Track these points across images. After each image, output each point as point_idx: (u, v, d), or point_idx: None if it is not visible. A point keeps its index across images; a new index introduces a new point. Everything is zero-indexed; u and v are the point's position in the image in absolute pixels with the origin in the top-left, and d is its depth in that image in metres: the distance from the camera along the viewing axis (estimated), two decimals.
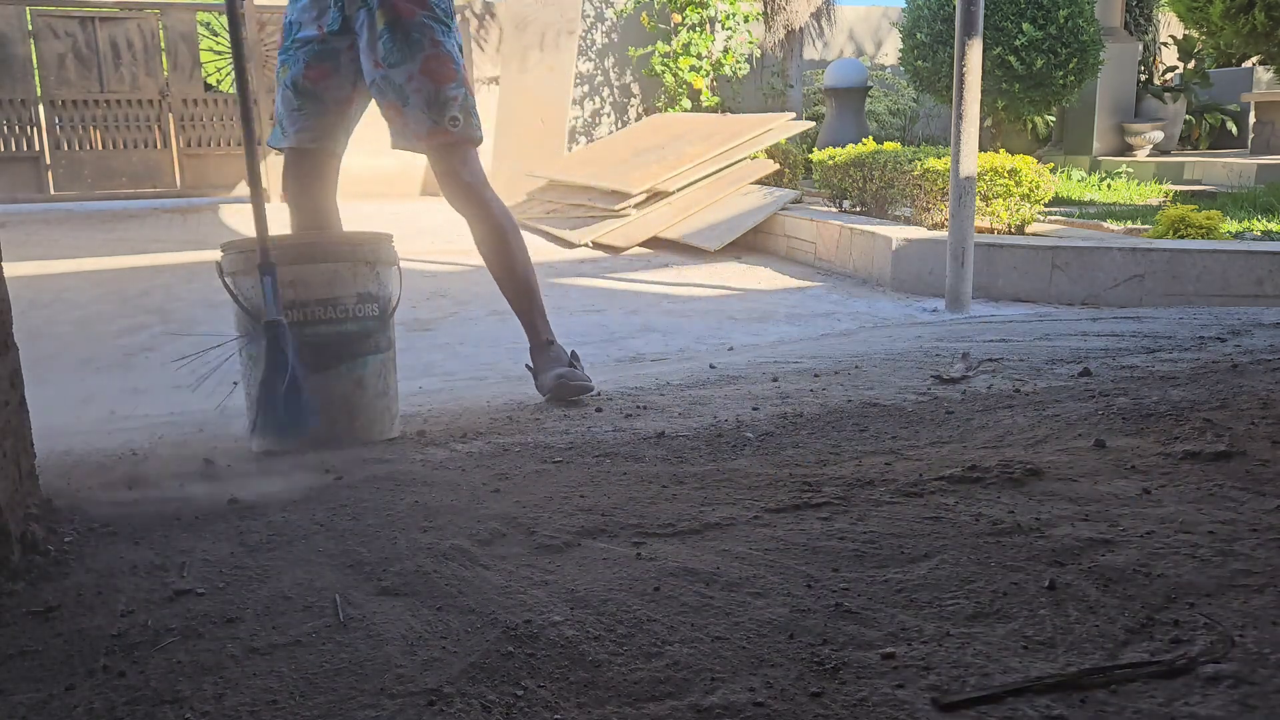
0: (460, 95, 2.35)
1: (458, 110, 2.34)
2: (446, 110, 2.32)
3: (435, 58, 2.29)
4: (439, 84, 2.31)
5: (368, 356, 2.10)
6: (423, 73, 2.29)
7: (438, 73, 2.30)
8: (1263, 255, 4.22)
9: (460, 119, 2.35)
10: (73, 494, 1.72)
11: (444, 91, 2.31)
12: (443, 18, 2.33)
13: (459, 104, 2.34)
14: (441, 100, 2.31)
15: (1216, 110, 10.36)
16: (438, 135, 2.35)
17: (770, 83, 10.46)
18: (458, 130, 2.36)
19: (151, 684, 1.01)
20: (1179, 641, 1.00)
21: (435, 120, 2.32)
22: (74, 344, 3.95)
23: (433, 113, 2.32)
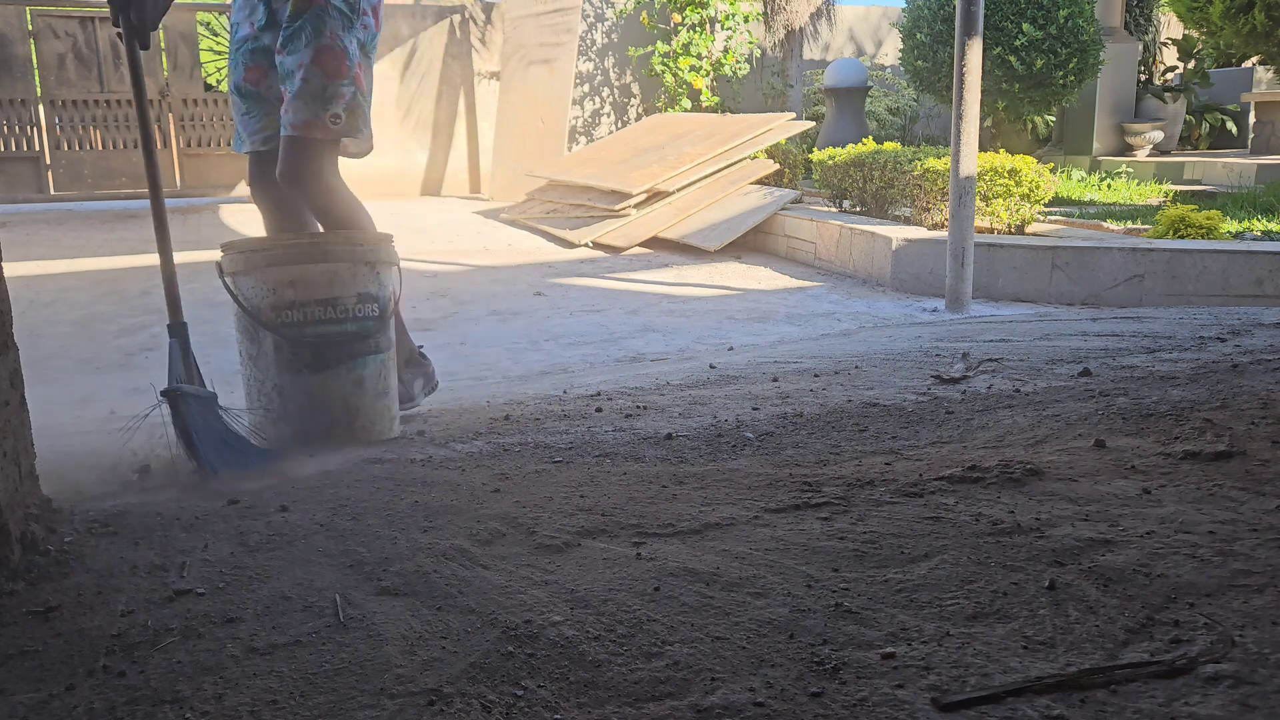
0: (349, 93, 2.29)
1: (341, 108, 2.28)
2: (330, 105, 2.27)
3: (330, 50, 2.24)
4: (330, 77, 2.25)
5: (367, 356, 2.10)
6: (314, 62, 2.24)
7: (329, 65, 2.25)
8: (1263, 255, 4.22)
9: (342, 117, 2.29)
10: (73, 494, 1.72)
11: (332, 86, 2.26)
12: (348, 11, 2.28)
13: (345, 102, 2.29)
14: (329, 94, 2.26)
15: (1216, 110, 10.36)
16: (314, 129, 2.27)
17: (770, 83, 10.46)
18: (338, 128, 2.29)
19: (151, 684, 1.01)
20: (1179, 641, 1.00)
21: (316, 113, 2.26)
22: (74, 344, 3.95)
23: (316, 105, 2.25)
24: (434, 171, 9.94)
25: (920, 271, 4.96)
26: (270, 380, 2.06)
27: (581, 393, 2.61)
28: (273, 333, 2.03)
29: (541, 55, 9.03)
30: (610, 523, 1.43)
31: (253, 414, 2.12)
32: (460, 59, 9.89)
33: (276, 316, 2.03)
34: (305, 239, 2.09)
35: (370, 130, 2.42)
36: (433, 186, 9.96)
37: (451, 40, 9.85)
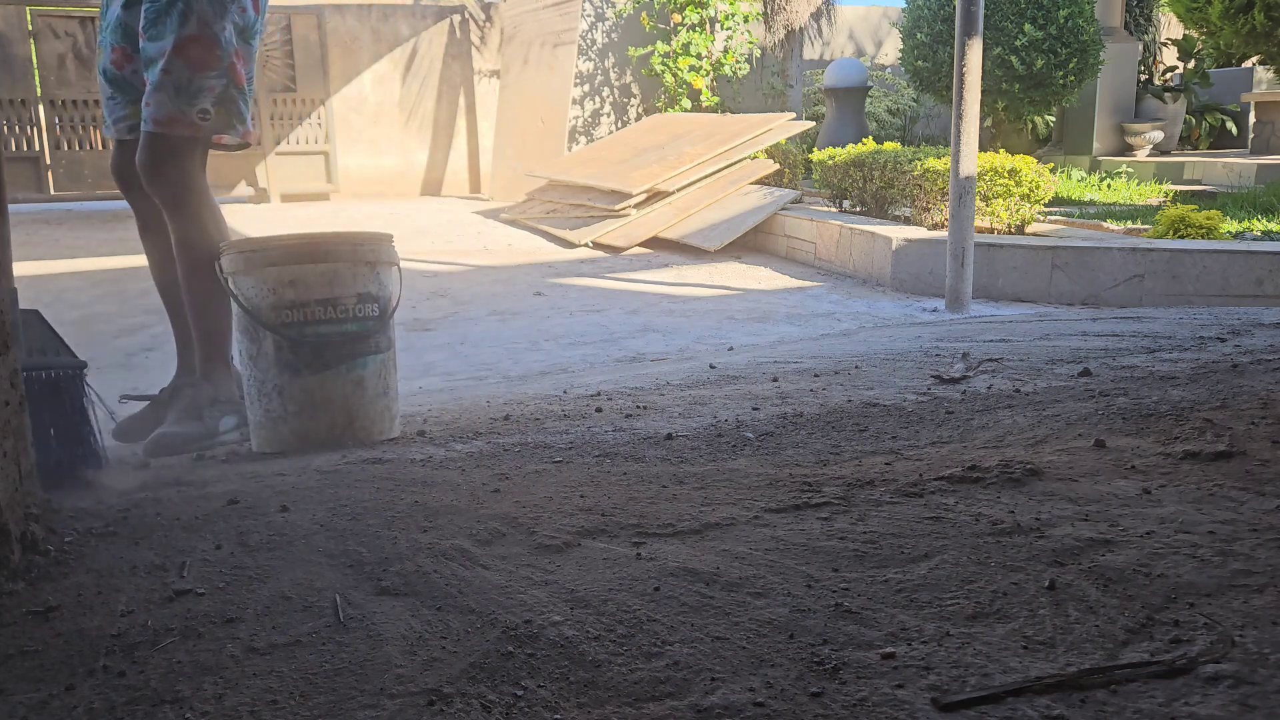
0: (219, 86, 2.13)
1: (210, 102, 2.12)
2: (197, 100, 2.10)
3: (196, 40, 2.07)
4: (195, 70, 2.09)
5: (367, 357, 2.10)
6: (177, 53, 2.07)
7: (195, 57, 2.08)
8: (1263, 255, 4.22)
9: (211, 112, 2.13)
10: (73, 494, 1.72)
11: (199, 79, 2.10)
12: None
13: (214, 95, 2.12)
14: (194, 88, 2.10)
15: (1216, 110, 10.36)
16: (179, 125, 2.11)
17: (770, 83, 10.46)
18: (206, 124, 2.13)
19: (151, 684, 1.01)
20: (1179, 641, 1.00)
21: (180, 108, 2.10)
22: (74, 344, 3.95)
23: (180, 100, 2.09)
24: (434, 171, 9.94)
25: (920, 271, 4.96)
26: (270, 380, 2.06)
27: (581, 393, 2.61)
28: (273, 333, 2.03)
29: (541, 55, 9.03)
30: (610, 523, 1.43)
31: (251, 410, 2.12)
32: (460, 59, 9.89)
33: (276, 316, 2.03)
34: (305, 239, 2.09)
35: (248, 125, 2.24)
36: (433, 186, 9.96)
37: (451, 40, 9.85)
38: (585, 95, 10.45)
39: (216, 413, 2.32)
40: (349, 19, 9.46)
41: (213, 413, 2.31)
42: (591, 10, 10.30)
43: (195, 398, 2.30)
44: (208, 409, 2.31)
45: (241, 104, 2.21)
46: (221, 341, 2.31)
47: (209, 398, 2.31)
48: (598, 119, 10.55)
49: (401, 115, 9.78)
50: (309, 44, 9.14)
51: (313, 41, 9.15)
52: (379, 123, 9.71)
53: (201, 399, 2.31)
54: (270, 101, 8.96)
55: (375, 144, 9.72)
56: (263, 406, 2.09)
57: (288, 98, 9.07)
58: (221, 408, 2.33)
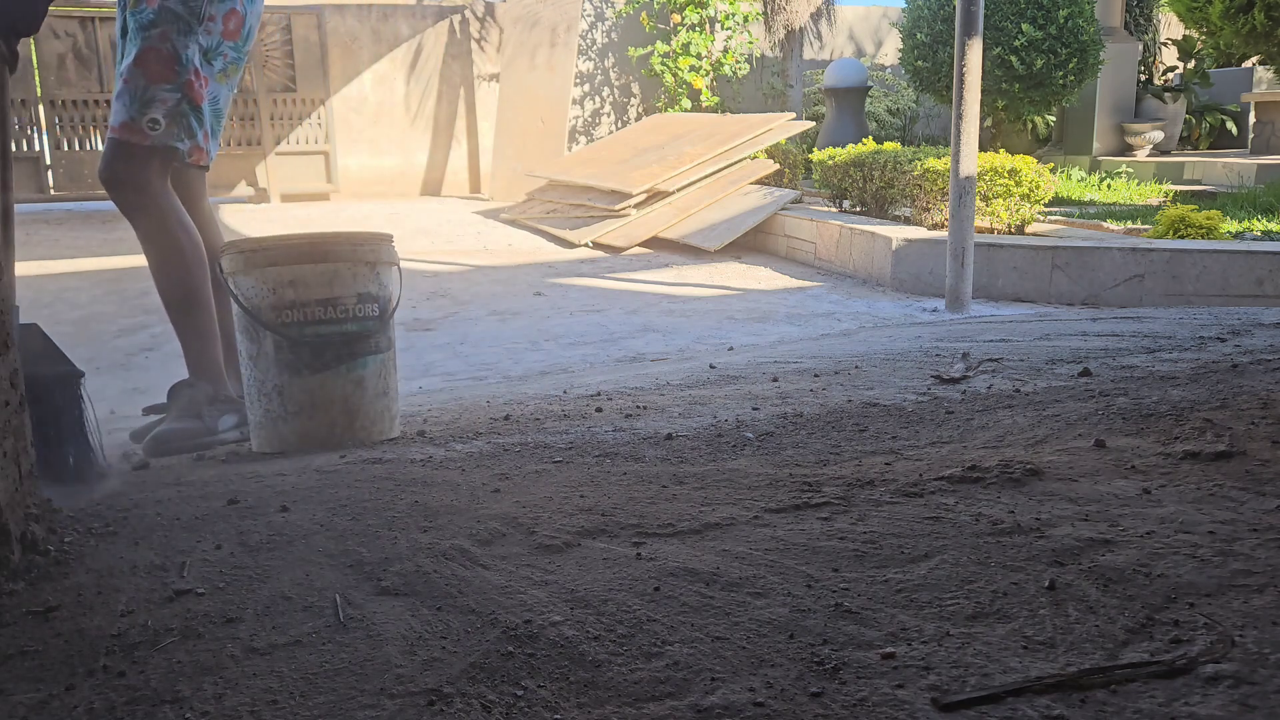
0: (172, 99, 2.20)
1: (161, 114, 2.19)
2: (148, 110, 2.18)
3: (155, 52, 2.16)
4: (151, 81, 2.17)
5: (367, 357, 2.10)
6: (137, 64, 2.17)
7: (152, 68, 2.17)
8: (1263, 255, 4.22)
9: (161, 123, 2.20)
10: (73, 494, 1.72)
11: (153, 90, 2.18)
12: (185, 14, 2.19)
13: (166, 108, 2.20)
14: (147, 98, 2.18)
15: (1216, 110, 10.36)
16: (130, 131, 2.19)
17: (770, 83, 10.46)
18: (155, 134, 2.20)
19: (151, 684, 1.01)
20: (1179, 641, 1.00)
21: (133, 115, 2.18)
22: (74, 344, 3.95)
23: (134, 107, 2.18)
24: (434, 171, 9.95)
25: (920, 271, 4.96)
26: (270, 380, 2.06)
27: (581, 393, 2.61)
28: (273, 333, 2.03)
29: (541, 55, 9.03)
30: (610, 523, 1.43)
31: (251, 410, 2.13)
32: (460, 59, 9.89)
33: (276, 316, 2.03)
34: (305, 239, 2.09)
35: (198, 142, 2.29)
36: (433, 186, 9.96)
37: (452, 40, 9.85)
38: (585, 95, 10.45)
39: (215, 411, 2.33)
40: (349, 19, 9.46)
41: (212, 411, 2.32)
42: (591, 10, 10.30)
43: (194, 396, 2.31)
44: (206, 407, 2.31)
45: (193, 121, 2.26)
46: (206, 341, 2.33)
47: (208, 396, 2.32)
48: (598, 119, 10.55)
49: (401, 115, 9.78)
50: (309, 44, 9.14)
51: (313, 41, 9.15)
52: (379, 123, 9.71)
53: (200, 397, 2.31)
54: (270, 101, 8.96)
55: (375, 144, 9.73)
56: (263, 406, 2.09)
57: (288, 98, 9.07)
58: (221, 406, 2.34)
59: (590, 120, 10.52)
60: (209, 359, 2.34)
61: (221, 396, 2.35)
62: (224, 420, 2.34)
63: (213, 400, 2.33)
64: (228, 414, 2.35)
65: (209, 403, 2.32)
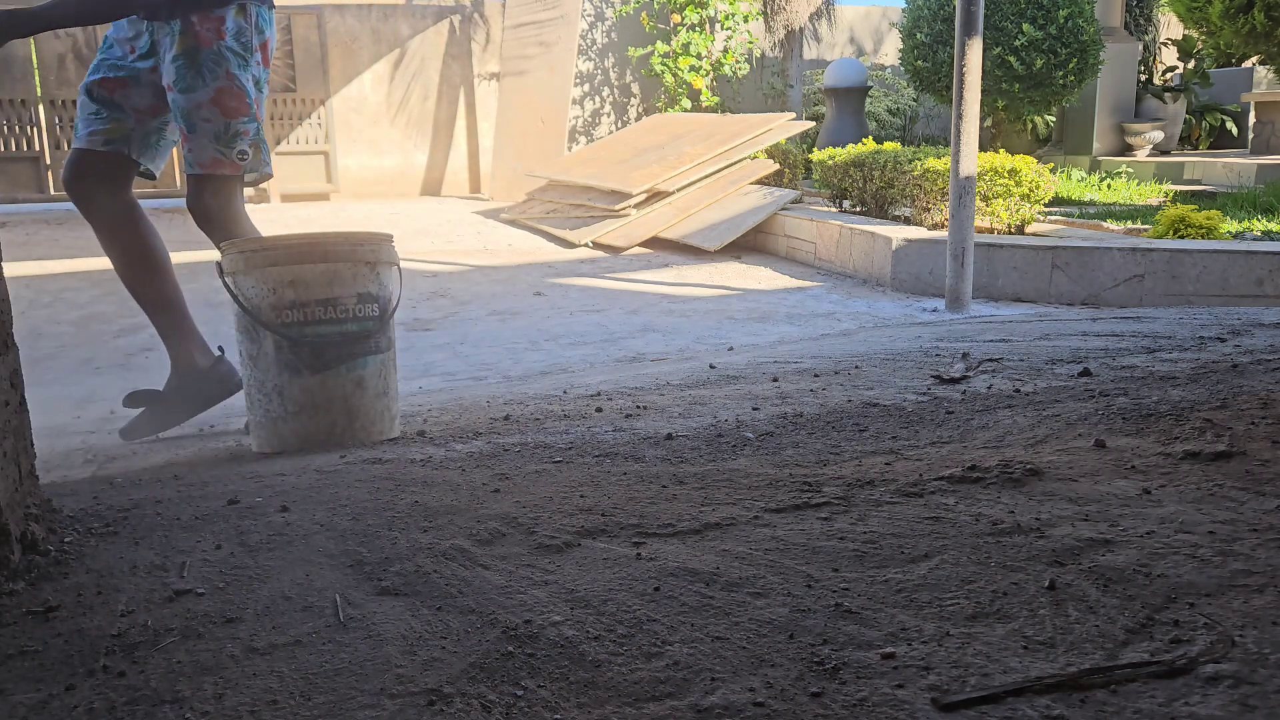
0: (252, 130, 2.40)
1: (247, 144, 2.39)
2: (236, 144, 2.37)
3: (228, 90, 2.33)
4: (230, 117, 2.35)
5: (368, 357, 2.10)
6: (213, 103, 2.33)
7: (229, 105, 2.34)
8: (1263, 255, 4.22)
9: (249, 153, 2.40)
10: (73, 494, 1.72)
11: (234, 125, 2.36)
12: (241, 50, 2.35)
13: (249, 138, 2.39)
14: (232, 133, 2.36)
15: (1216, 110, 10.36)
16: (224, 166, 2.38)
17: (770, 83, 10.46)
18: (245, 163, 2.40)
19: (151, 684, 1.01)
20: (1179, 641, 1.00)
21: (222, 152, 2.36)
22: (74, 344, 3.95)
23: (220, 144, 2.36)
24: (434, 171, 9.95)
25: (920, 271, 4.96)
26: (270, 380, 2.06)
27: (581, 393, 2.61)
28: (273, 333, 2.03)
29: (541, 55, 9.03)
30: (610, 523, 1.43)
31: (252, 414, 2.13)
32: (460, 59, 9.89)
33: (276, 316, 2.03)
34: (305, 239, 2.09)
35: (270, 161, 2.50)
36: (433, 186, 9.96)
37: (451, 40, 9.85)
38: (585, 95, 10.45)
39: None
40: (349, 19, 9.46)
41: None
42: (591, 10, 10.30)
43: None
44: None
45: (265, 145, 2.48)
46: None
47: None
48: (598, 119, 10.55)
49: (401, 115, 9.78)
50: (309, 44, 9.15)
51: (313, 41, 9.16)
52: (379, 123, 9.71)
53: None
54: (270, 101, 8.95)
55: (375, 144, 9.73)
56: (263, 406, 2.09)
57: (288, 98, 9.07)
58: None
59: (590, 120, 10.52)
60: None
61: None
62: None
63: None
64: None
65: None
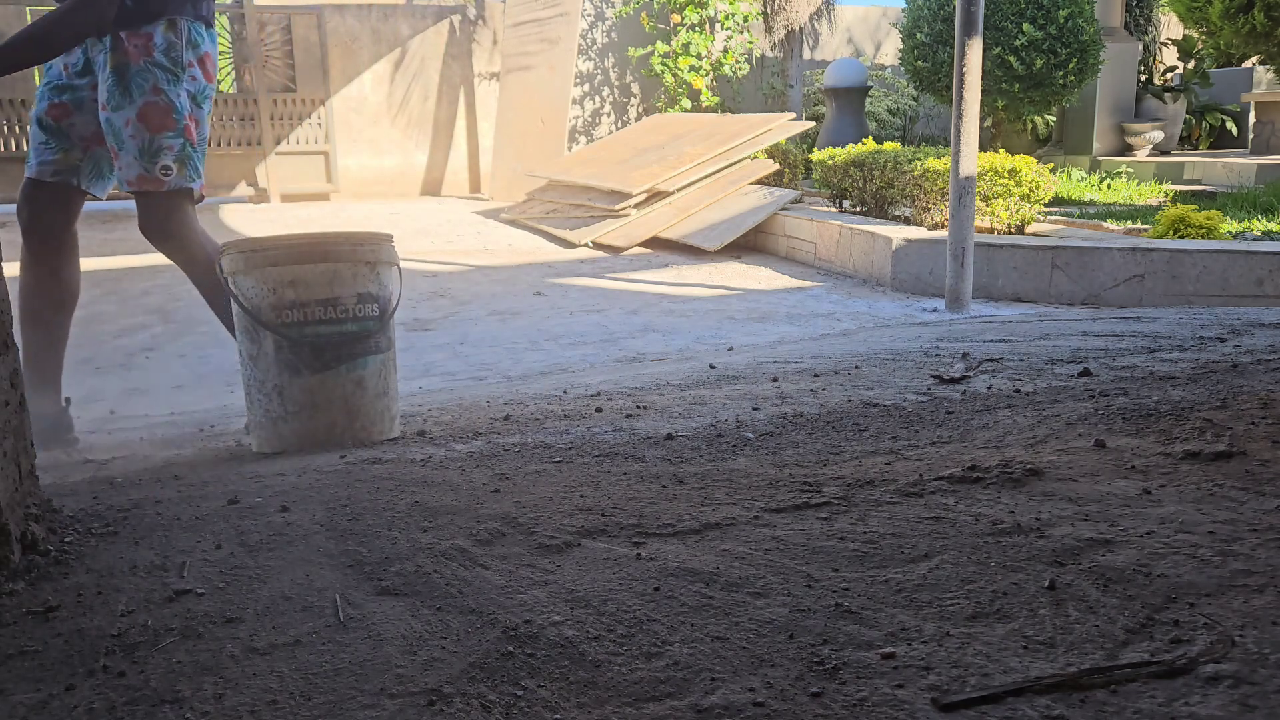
0: (177, 145, 2.38)
1: (171, 160, 2.37)
2: (159, 159, 2.36)
3: (154, 106, 2.33)
4: (154, 132, 2.34)
5: (368, 357, 2.10)
6: (139, 119, 2.33)
7: (154, 121, 2.33)
8: (1263, 255, 4.22)
9: (173, 169, 2.38)
10: (73, 494, 1.72)
11: (158, 140, 2.35)
12: (170, 66, 2.34)
13: (174, 154, 2.37)
14: (155, 148, 2.35)
15: (1216, 110, 10.35)
16: (147, 183, 2.37)
17: (770, 83, 10.46)
18: (170, 179, 2.38)
19: (151, 684, 1.01)
20: (1179, 641, 1.00)
21: (146, 168, 2.35)
22: (74, 344, 3.94)
23: (144, 160, 2.35)
24: (434, 172, 9.94)
25: (920, 271, 4.96)
26: (270, 380, 2.06)
27: (581, 393, 2.61)
28: (273, 333, 2.03)
29: (541, 55, 9.03)
30: (610, 523, 1.43)
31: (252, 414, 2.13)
32: (460, 59, 9.89)
33: (277, 316, 2.03)
34: (305, 239, 2.09)
35: (201, 178, 2.48)
36: (433, 186, 9.96)
37: (451, 40, 9.85)
38: (585, 95, 10.45)
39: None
40: (349, 19, 9.46)
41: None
42: (591, 10, 10.30)
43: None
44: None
45: (197, 160, 2.45)
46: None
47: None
48: (598, 119, 10.55)
49: (401, 115, 9.78)
50: (309, 44, 9.14)
51: (313, 41, 9.15)
52: (379, 123, 9.71)
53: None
54: (270, 101, 8.96)
55: (375, 144, 9.72)
56: (263, 406, 2.09)
57: (288, 98, 9.07)
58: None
59: (590, 120, 10.52)
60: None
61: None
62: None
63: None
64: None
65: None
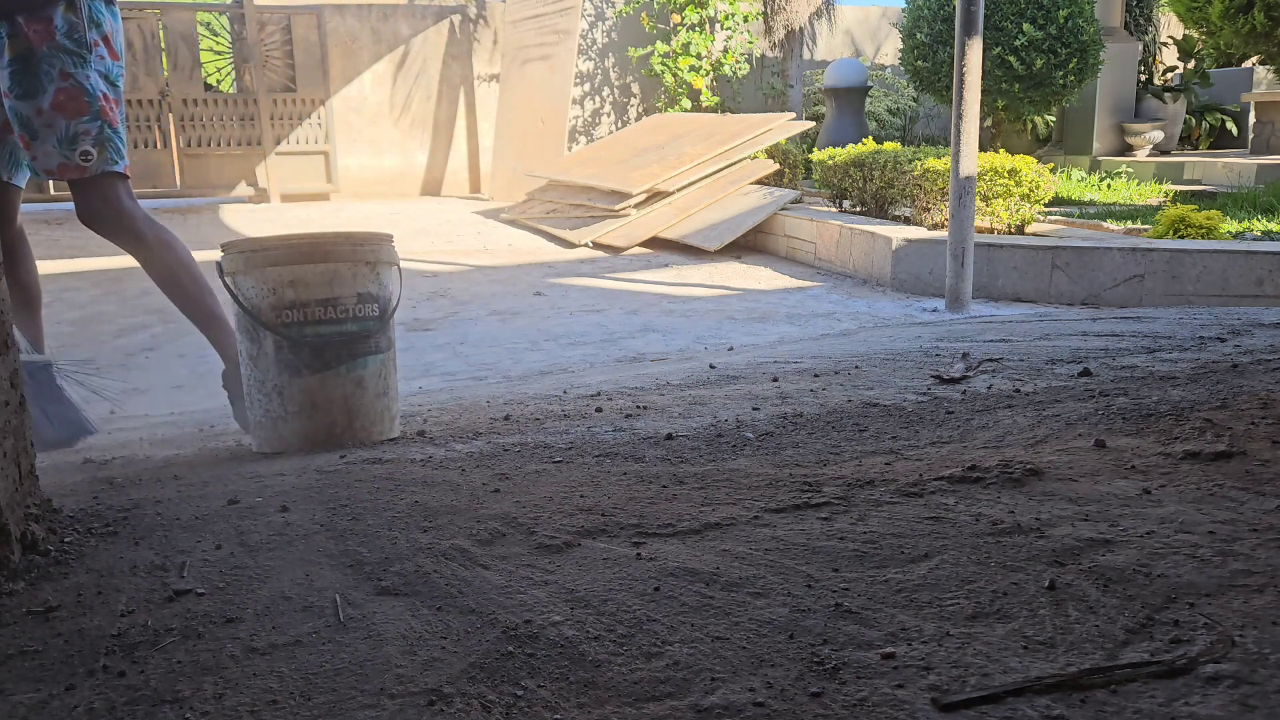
0: (94, 129, 2.31)
1: (90, 144, 2.31)
2: (77, 145, 2.29)
3: (65, 91, 2.26)
4: (70, 118, 2.27)
5: (367, 357, 2.10)
6: (53, 107, 2.26)
7: (68, 107, 2.27)
8: (1263, 255, 4.22)
9: (93, 153, 2.31)
10: (73, 494, 1.72)
11: (74, 126, 2.28)
12: (75, 48, 2.27)
13: (91, 138, 2.31)
14: (72, 134, 2.28)
15: (1216, 110, 10.36)
16: (69, 170, 2.31)
17: (770, 83, 10.46)
18: (91, 165, 2.32)
19: (151, 684, 1.01)
20: (1179, 641, 1.00)
21: (66, 155, 2.29)
22: (74, 344, 3.95)
23: (64, 148, 2.29)
24: (434, 171, 9.95)
25: (920, 271, 4.96)
26: (270, 380, 2.06)
27: (581, 393, 2.61)
28: (273, 333, 2.03)
29: (541, 55, 9.03)
30: (610, 523, 1.43)
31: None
32: (460, 59, 9.89)
33: (276, 316, 2.03)
34: (305, 239, 2.09)
35: (126, 159, 2.41)
36: (433, 186, 9.96)
37: (451, 40, 9.85)
38: (585, 95, 10.45)
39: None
40: (349, 19, 9.46)
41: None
42: (591, 10, 10.30)
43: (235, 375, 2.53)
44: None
45: (118, 142, 2.38)
46: (227, 327, 2.47)
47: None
48: (598, 119, 10.55)
49: (402, 115, 9.78)
50: (309, 44, 9.14)
51: (313, 41, 9.15)
52: (379, 123, 9.71)
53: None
54: (270, 101, 8.96)
55: (375, 144, 9.72)
56: (263, 406, 2.09)
57: (288, 98, 9.07)
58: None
59: (590, 120, 10.52)
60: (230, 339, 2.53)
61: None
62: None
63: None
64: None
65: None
